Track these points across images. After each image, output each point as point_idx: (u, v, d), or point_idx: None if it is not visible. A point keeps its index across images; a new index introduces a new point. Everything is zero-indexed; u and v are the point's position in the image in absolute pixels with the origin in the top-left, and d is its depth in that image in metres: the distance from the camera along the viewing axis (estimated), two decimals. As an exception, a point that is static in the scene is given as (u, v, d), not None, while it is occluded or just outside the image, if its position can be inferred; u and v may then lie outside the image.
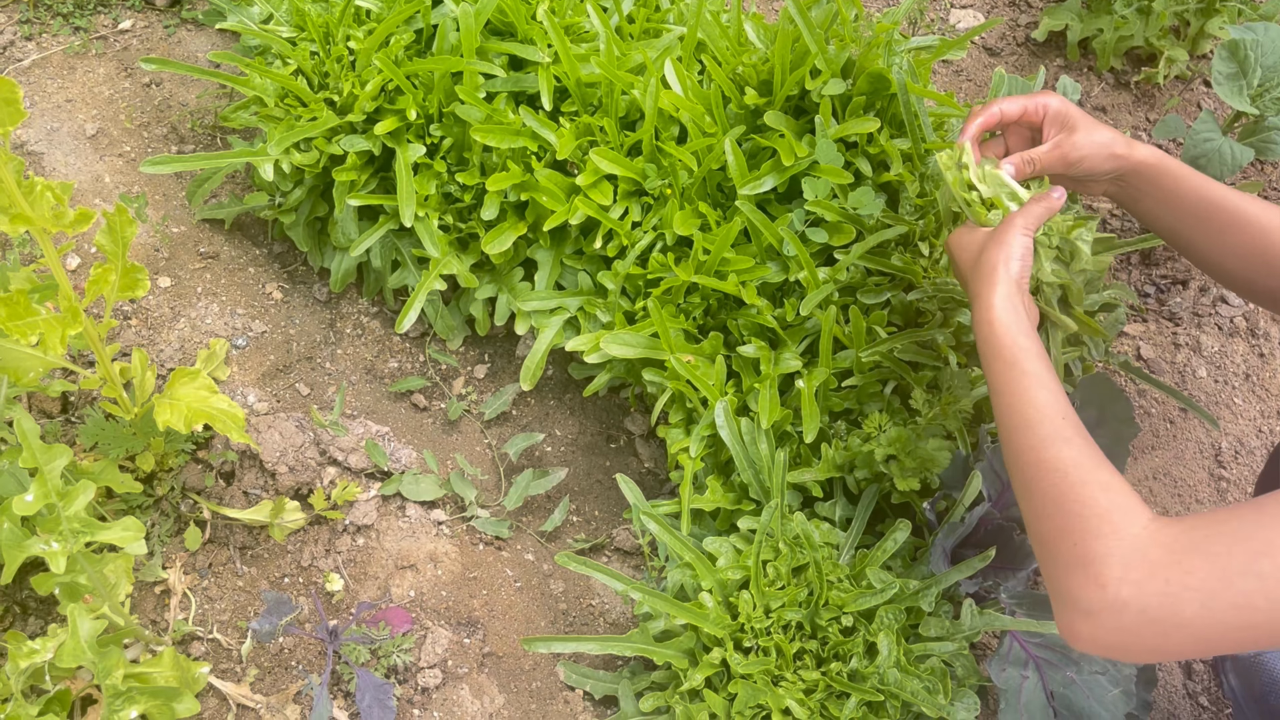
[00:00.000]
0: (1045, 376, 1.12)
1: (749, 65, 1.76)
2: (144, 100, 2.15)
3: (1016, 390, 1.12)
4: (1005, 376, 1.14)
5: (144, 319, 1.83)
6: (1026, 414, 1.10)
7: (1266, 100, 1.87)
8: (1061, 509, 1.01)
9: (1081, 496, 1.00)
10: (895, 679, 1.41)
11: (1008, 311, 1.18)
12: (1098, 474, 1.01)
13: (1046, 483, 1.04)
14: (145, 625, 1.59)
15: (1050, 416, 1.08)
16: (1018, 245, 1.22)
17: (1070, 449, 1.04)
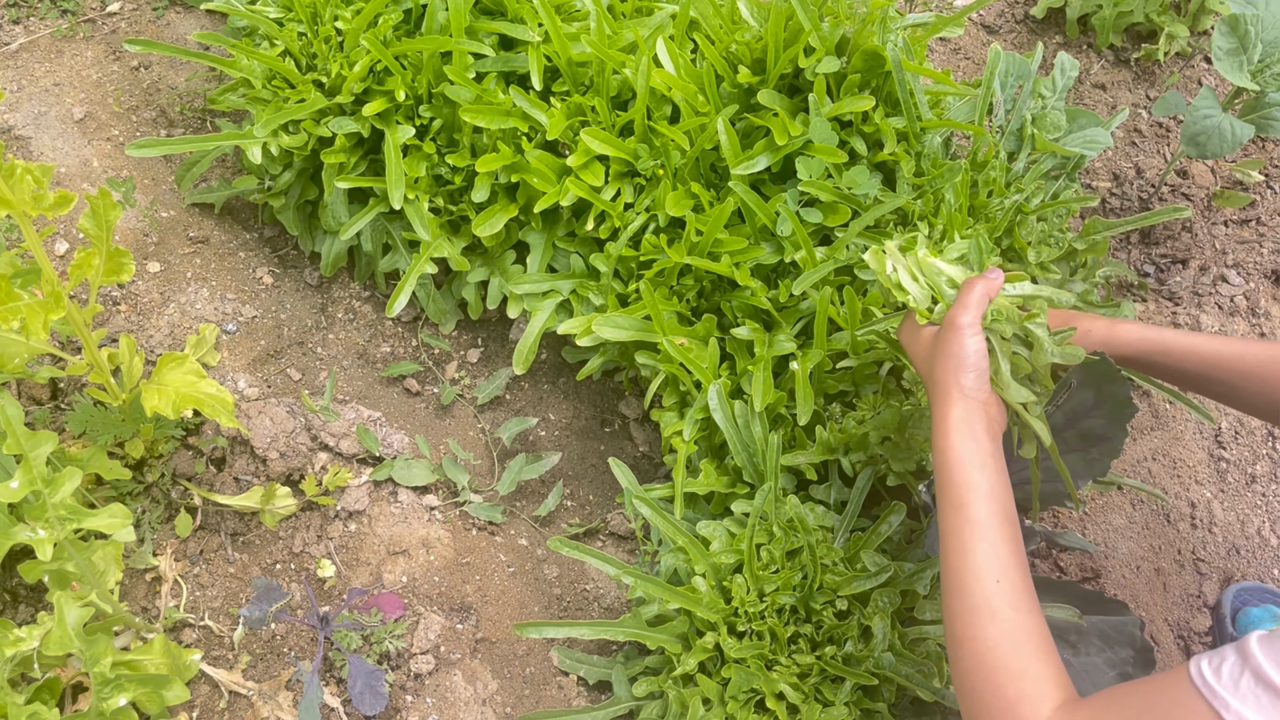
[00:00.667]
0: (990, 524, 1.08)
1: (742, 43, 1.74)
2: (132, 83, 2.13)
3: (958, 539, 1.09)
4: (951, 521, 1.10)
5: (133, 304, 1.82)
6: (962, 575, 1.07)
7: (1267, 76, 1.84)
8: (974, 692, 1.02)
9: (992, 685, 1.00)
10: (890, 663, 1.39)
11: (963, 439, 1.12)
12: (1015, 659, 1.01)
13: (966, 662, 1.04)
14: (136, 613, 1.58)
15: (983, 582, 1.05)
16: (969, 352, 1.15)
17: (994, 627, 1.03)
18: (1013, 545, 1.08)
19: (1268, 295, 2.02)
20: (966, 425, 1.13)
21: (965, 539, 1.08)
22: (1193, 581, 1.80)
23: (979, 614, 1.04)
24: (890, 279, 1.27)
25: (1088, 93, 2.29)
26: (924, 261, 1.27)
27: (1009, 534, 1.09)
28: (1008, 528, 1.09)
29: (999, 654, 1.02)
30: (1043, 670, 1.00)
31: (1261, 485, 1.90)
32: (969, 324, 1.15)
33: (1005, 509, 1.10)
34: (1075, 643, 1.45)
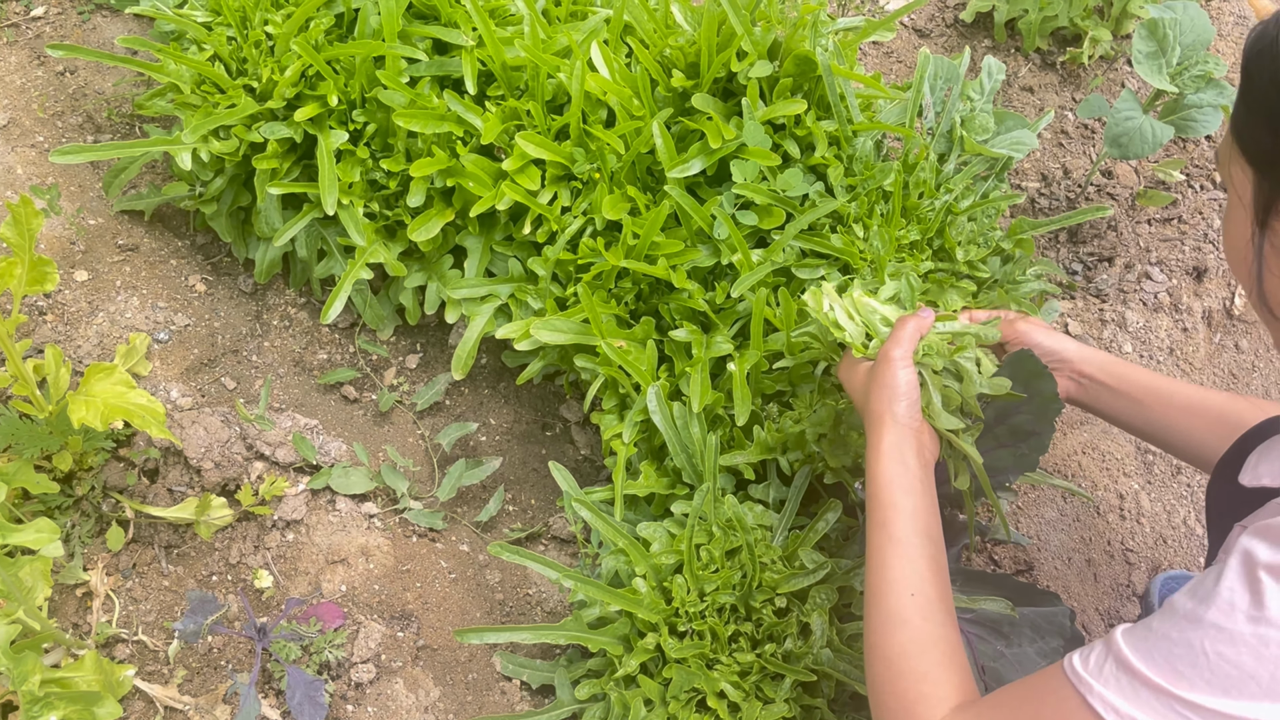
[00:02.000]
0: (911, 542, 1.14)
1: (676, 48, 1.75)
2: (58, 89, 2.09)
3: (878, 555, 1.15)
4: (873, 538, 1.17)
5: (60, 314, 1.78)
6: (879, 587, 1.13)
7: (1186, 78, 1.90)
8: (879, 695, 1.08)
9: (896, 688, 1.07)
10: (828, 659, 1.41)
11: (892, 463, 1.18)
12: (919, 663, 1.07)
13: (876, 666, 1.10)
14: (66, 629, 1.54)
15: (898, 594, 1.11)
16: (901, 383, 1.21)
17: (903, 634, 1.09)
18: (931, 563, 1.15)
19: (1189, 291, 2.08)
20: (897, 451, 1.19)
21: (885, 555, 1.14)
22: (1122, 571, 1.84)
23: (891, 623, 1.10)
24: (828, 317, 1.34)
25: (1016, 95, 2.34)
26: (859, 302, 1.35)
27: (929, 553, 1.15)
28: (929, 547, 1.15)
29: (905, 659, 1.08)
30: (944, 675, 1.06)
31: (1186, 476, 1.95)
32: (900, 357, 1.22)
33: (927, 529, 1.16)
34: (1008, 634, 1.48)
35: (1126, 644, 0.90)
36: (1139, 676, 0.88)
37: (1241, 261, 0.99)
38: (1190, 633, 0.86)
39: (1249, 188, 0.94)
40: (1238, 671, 0.84)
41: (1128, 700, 0.88)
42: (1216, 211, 2.17)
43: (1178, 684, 0.86)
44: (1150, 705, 0.87)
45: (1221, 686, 0.84)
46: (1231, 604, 0.85)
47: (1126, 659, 0.89)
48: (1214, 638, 0.85)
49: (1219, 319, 2.09)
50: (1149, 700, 0.87)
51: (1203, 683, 0.85)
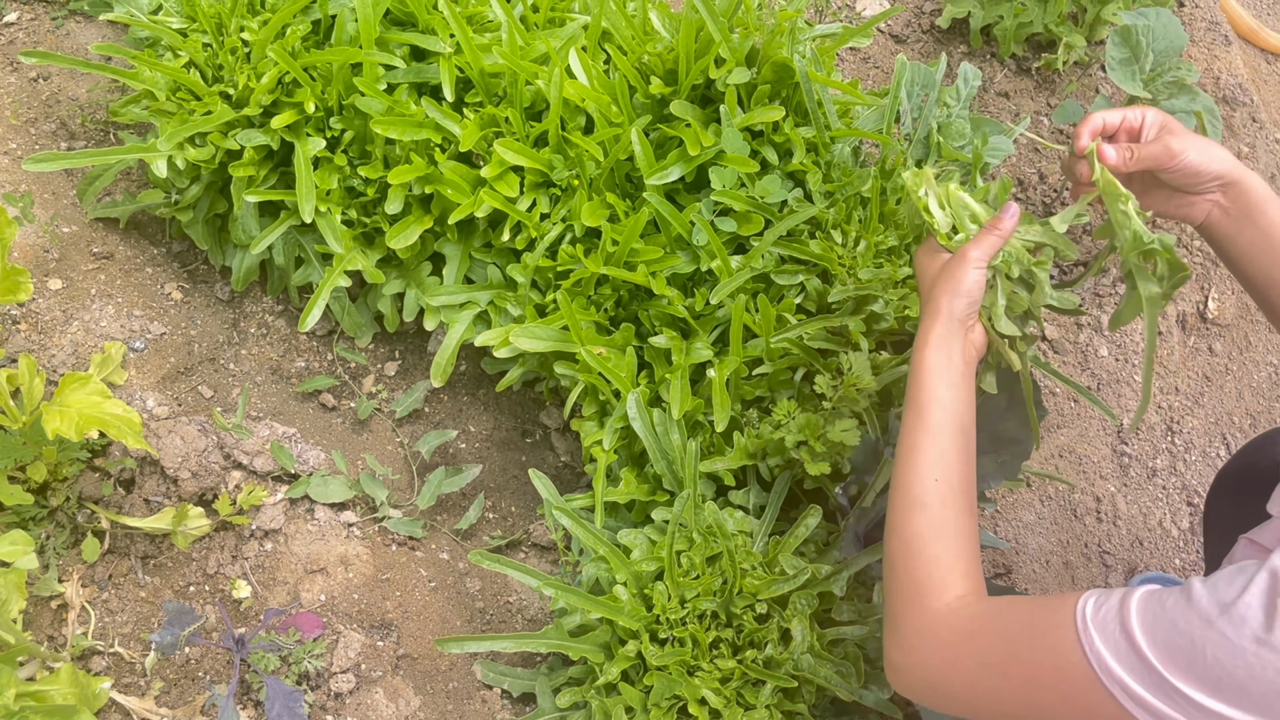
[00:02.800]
0: (943, 432, 1.16)
1: (654, 54, 1.75)
2: (31, 95, 2.07)
3: (911, 440, 1.17)
4: (909, 423, 1.18)
5: (33, 323, 1.76)
6: (906, 471, 1.16)
7: (1159, 84, 1.92)
8: (893, 573, 1.14)
9: (910, 568, 1.12)
10: (809, 664, 1.42)
11: (938, 354, 1.19)
12: (933, 547, 1.11)
13: (892, 545, 1.15)
14: (41, 641, 1.53)
15: (923, 478, 1.14)
16: (968, 280, 1.20)
17: (922, 517, 1.13)
18: (960, 454, 1.16)
19: (1164, 295, 2.09)
20: (944, 343, 1.19)
21: (917, 439, 1.16)
22: (1099, 573, 1.86)
23: (912, 506, 1.14)
24: (921, 200, 1.33)
25: (992, 101, 2.35)
26: (952, 194, 1.32)
27: (960, 444, 1.17)
28: (960, 439, 1.17)
29: (920, 540, 1.12)
30: (955, 562, 1.10)
31: (1162, 479, 1.97)
32: (977, 259, 1.21)
33: (961, 423, 1.18)
34: (987, 637, 1.49)
35: (1137, 613, 0.92)
36: (1137, 649, 0.90)
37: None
38: (1197, 630, 0.88)
39: None
40: (1230, 680, 0.86)
41: (1121, 663, 0.91)
42: (1190, 216, 2.18)
43: (1171, 670, 0.88)
44: (1140, 674, 0.90)
45: (1212, 686, 0.87)
46: (1244, 618, 0.86)
47: (1132, 628, 0.91)
48: (1216, 644, 0.87)
49: (1193, 323, 2.11)
50: (1139, 669, 0.90)
51: (1195, 677, 0.87)
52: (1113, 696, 0.91)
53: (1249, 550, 1.25)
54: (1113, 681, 0.91)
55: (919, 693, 1.11)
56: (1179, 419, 2.03)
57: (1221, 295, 2.12)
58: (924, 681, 1.09)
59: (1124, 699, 0.91)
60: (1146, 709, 0.90)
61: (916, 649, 1.08)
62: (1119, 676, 0.91)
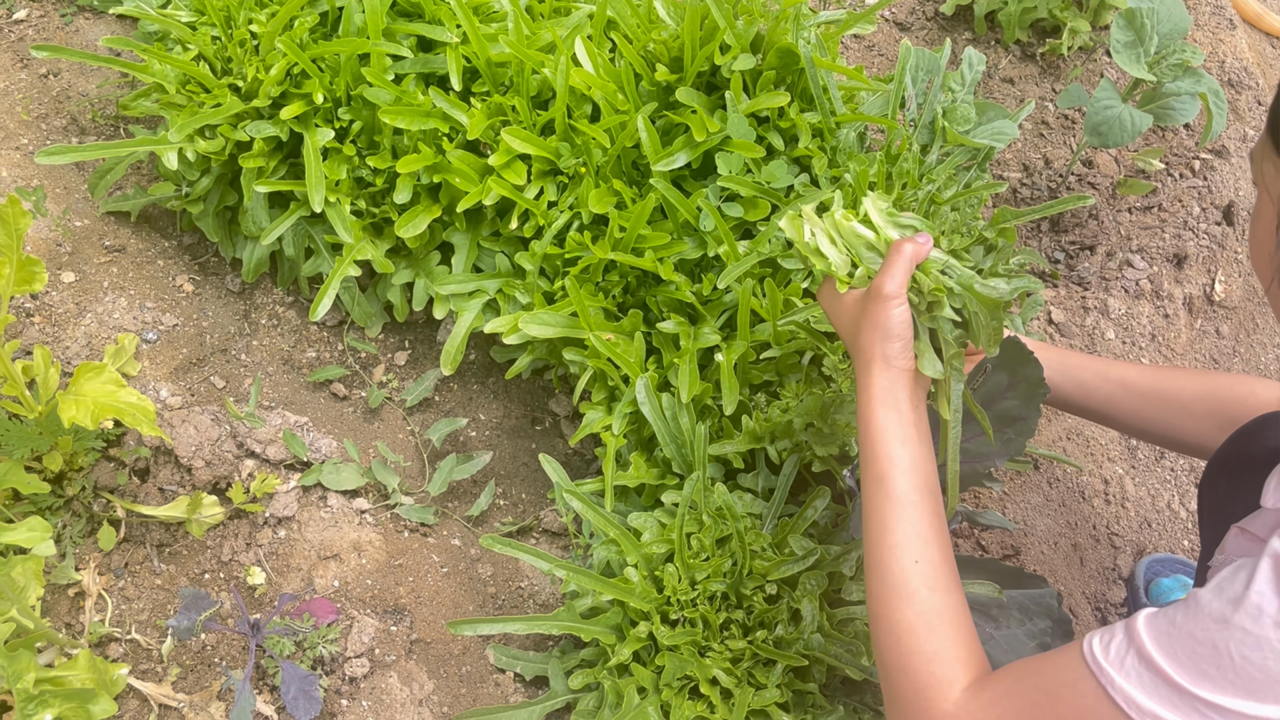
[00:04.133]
0: (911, 500, 1.10)
1: (659, 42, 1.76)
2: (41, 91, 2.08)
3: (878, 517, 1.11)
4: (872, 496, 1.12)
5: (47, 316, 1.78)
6: (881, 553, 1.10)
7: (1164, 67, 1.92)
8: (889, 672, 1.07)
9: (908, 667, 1.05)
10: (819, 643, 1.43)
11: (885, 411, 1.12)
12: (929, 642, 1.05)
13: (883, 641, 1.08)
14: (59, 629, 1.54)
15: (901, 563, 1.08)
16: (894, 322, 1.12)
17: (910, 610, 1.06)
18: (933, 520, 1.10)
19: (1170, 278, 2.10)
20: (890, 396, 1.12)
21: (886, 516, 1.10)
22: (1108, 555, 1.86)
23: (896, 595, 1.07)
24: (808, 245, 1.22)
25: (997, 87, 2.36)
26: (841, 225, 1.22)
27: (930, 508, 1.10)
28: (929, 501, 1.11)
29: (914, 636, 1.05)
30: (954, 651, 1.04)
31: (1170, 461, 1.98)
32: (893, 292, 1.12)
33: (927, 482, 1.12)
34: (996, 616, 1.50)
35: (1150, 637, 0.89)
36: (1161, 674, 0.88)
37: (1263, 254, 1.00)
38: (1216, 634, 0.86)
39: (1278, 184, 0.95)
40: (1263, 675, 0.84)
41: (1149, 696, 0.88)
42: (1196, 199, 2.19)
43: (1201, 684, 0.86)
44: (1172, 702, 0.87)
45: (1246, 689, 0.85)
46: (1260, 608, 0.85)
47: (1149, 654, 0.89)
48: (1240, 640, 0.85)
49: (1200, 305, 2.11)
50: (1170, 697, 0.87)
51: (1227, 684, 0.85)
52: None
53: (1240, 539, 1.22)
54: (1145, 717, 0.88)
55: None
56: (1186, 401, 2.03)
57: (1229, 277, 2.12)
58: None
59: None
60: None
61: None
62: (1151, 710, 0.88)
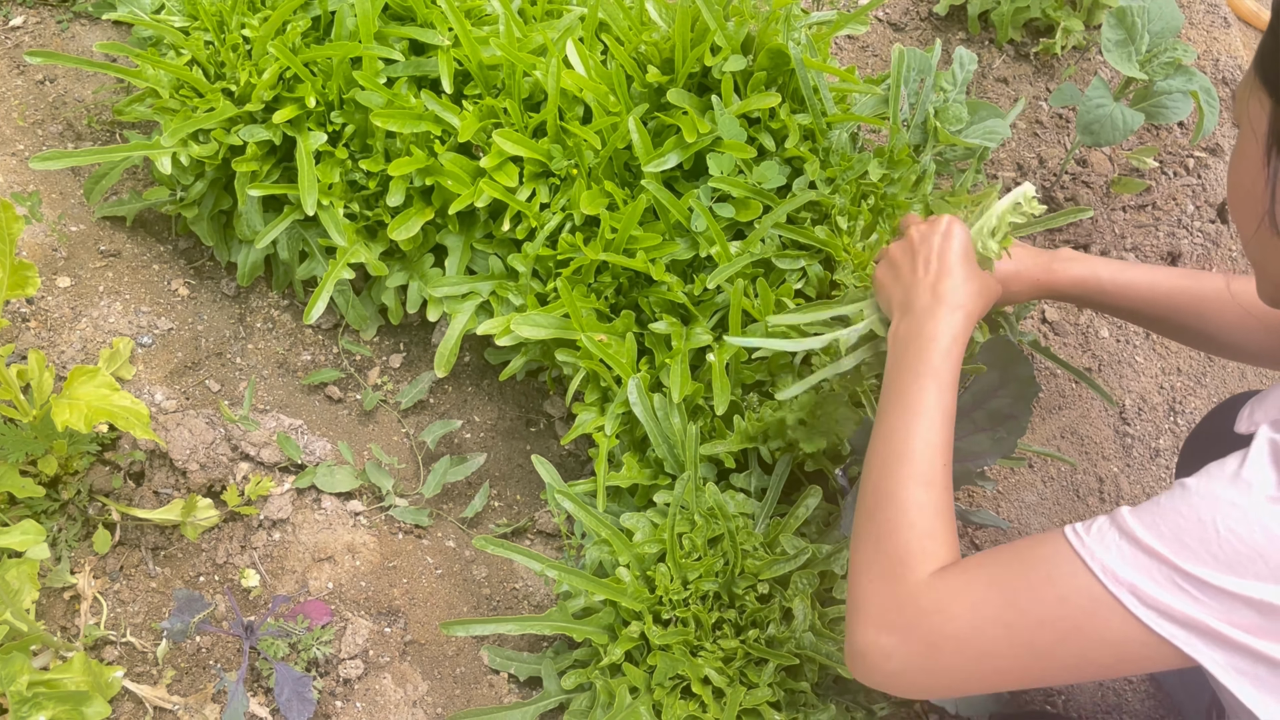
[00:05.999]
0: (945, 411, 1.14)
1: (651, 44, 1.77)
2: (37, 97, 2.09)
3: (910, 386, 1.15)
4: (912, 391, 1.15)
5: (43, 320, 1.79)
6: (911, 443, 1.11)
7: (1155, 65, 1.92)
8: (873, 540, 1.06)
9: (898, 536, 1.05)
10: (811, 642, 1.43)
11: (958, 345, 1.18)
12: (926, 520, 1.06)
13: (877, 507, 1.08)
14: (54, 632, 1.55)
15: (923, 438, 1.11)
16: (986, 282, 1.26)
17: (917, 485, 1.08)
18: (950, 432, 1.14)
19: (1164, 276, 2.10)
20: (965, 336, 1.20)
21: (919, 391, 1.14)
22: (1103, 553, 1.86)
23: (906, 467, 1.09)
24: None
25: (991, 86, 2.36)
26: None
27: (950, 423, 1.14)
28: (951, 422, 1.15)
29: (914, 511, 1.06)
30: (946, 537, 1.05)
31: (1165, 459, 1.98)
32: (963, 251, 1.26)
33: (952, 408, 1.16)
34: (988, 615, 1.50)
35: (1132, 517, 0.89)
36: (1142, 545, 0.87)
37: (1246, 199, 0.99)
38: (1203, 509, 0.86)
39: (1265, 120, 0.95)
40: (1247, 549, 0.83)
41: (1129, 566, 0.87)
42: (1190, 197, 2.19)
43: (1182, 555, 0.85)
44: (1150, 572, 0.86)
45: (1227, 562, 0.84)
46: (1250, 483, 0.84)
47: (1131, 530, 0.88)
48: (1226, 514, 0.84)
49: (1194, 303, 2.11)
50: (1150, 569, 0.86)
51: (1209, 556, 0.84)
52: (1122, 606, 0.87)
53: None
54: (1122, 587, 0.87)
55: (898, 675, 0.99)
56: (1181, 399, 2.03)
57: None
58: (905, 660, 0.98)
59: (1135, 606, 0.87)
60: (1161, 611, 0.86)
61: (896, 624, 0.98)
62: (1129, 580, 0.87)
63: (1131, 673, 0.94)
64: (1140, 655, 0.89)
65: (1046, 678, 0.95)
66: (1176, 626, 0.86)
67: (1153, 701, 1.72)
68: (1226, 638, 0.85)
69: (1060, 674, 0.94)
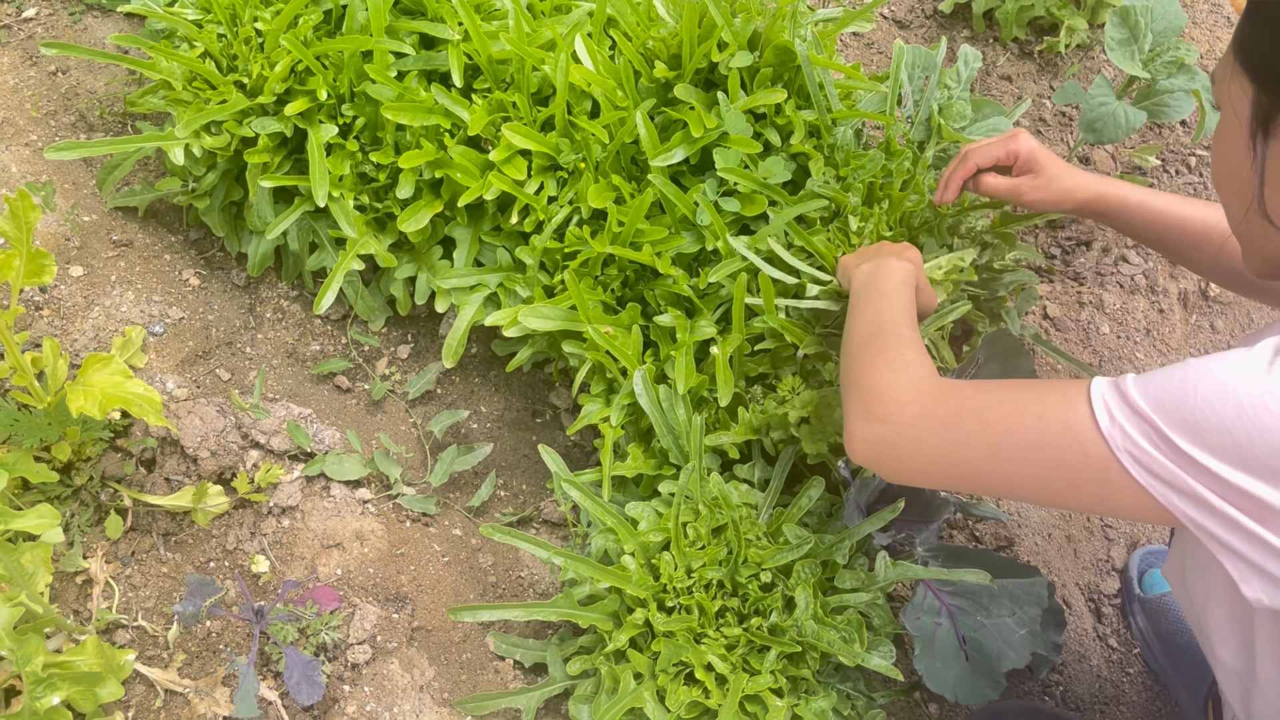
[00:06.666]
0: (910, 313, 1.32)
1: (658, 39, 1.79)
2: (50, 89, 2.11)
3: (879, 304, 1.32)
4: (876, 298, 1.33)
5: (56, 309, 1.81)
6: (882, 319, 1.27)
7: (1158, 64, 1.94)
8: (883, 355, 1.20)
9: (896, 356, 1.19)
10: (813, 630, 1.45)
11: (903, 268, 1.37)
12: (914, 352, 1.20)
13: (883, 340, 1.22)
14: (67, 615, 1.57)
15: (906, 320, 1.27)
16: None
17: (911, 337, 1.23)
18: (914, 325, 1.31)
19: (1165, 274, 2.12)
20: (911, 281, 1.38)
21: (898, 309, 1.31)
22: (1101, 547, 1.88)
23: (903, 334, 1.24)
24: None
25: (995, 84, 2.38)
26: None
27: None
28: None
29: (913, 345, 1.21)
30: (933, 368, 1.18)
31: (1164, 454, 1.99)
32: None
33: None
34: (987, 605, 1.52)
35: (1132, 378, 0.97)
36: (1129, 402, 0.94)
37: (1232, 180, 1.03)
38: (1190, 378, 0.91)
39: (1247, 104, 0.98)
40: (1218, 420, 0.88)
41: (1124, 416, 0.95)
42: (1192, 195, 2.21)
43: (1160, 415, 0.92)
44: (1138, 425, 0.94)
45: (1194, 430, 0.89)
46: (1240, 365, 0.89)
47: (1126, 389, 0.95)
48: (1210, 387, 0.89)
49: (1194, 300, 2.13)
50: (1135, 422, 0.94)
51: (1181, 420, 0.90)
52: (1098, 429, 0.95)
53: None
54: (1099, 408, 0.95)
55: (889, 444, 1.12)
56: (1181, 395, 2.05)
57: (1223, 273, 2.14)
58: (898, 431, 1.11)
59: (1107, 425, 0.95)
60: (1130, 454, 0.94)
61: (897, 400, 1.12)
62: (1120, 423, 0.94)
63: (1081, 506, 1.02)
64: (1096, 483, 0.98)
65: (1004, 484, 1.06)
66: (1144, 471, 0.94)
67: (1150, 694, 1.74)
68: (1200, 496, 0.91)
69: (1016, 482, 1.04)
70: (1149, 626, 1.77)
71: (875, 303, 1.32)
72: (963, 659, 1.49)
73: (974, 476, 1.07)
